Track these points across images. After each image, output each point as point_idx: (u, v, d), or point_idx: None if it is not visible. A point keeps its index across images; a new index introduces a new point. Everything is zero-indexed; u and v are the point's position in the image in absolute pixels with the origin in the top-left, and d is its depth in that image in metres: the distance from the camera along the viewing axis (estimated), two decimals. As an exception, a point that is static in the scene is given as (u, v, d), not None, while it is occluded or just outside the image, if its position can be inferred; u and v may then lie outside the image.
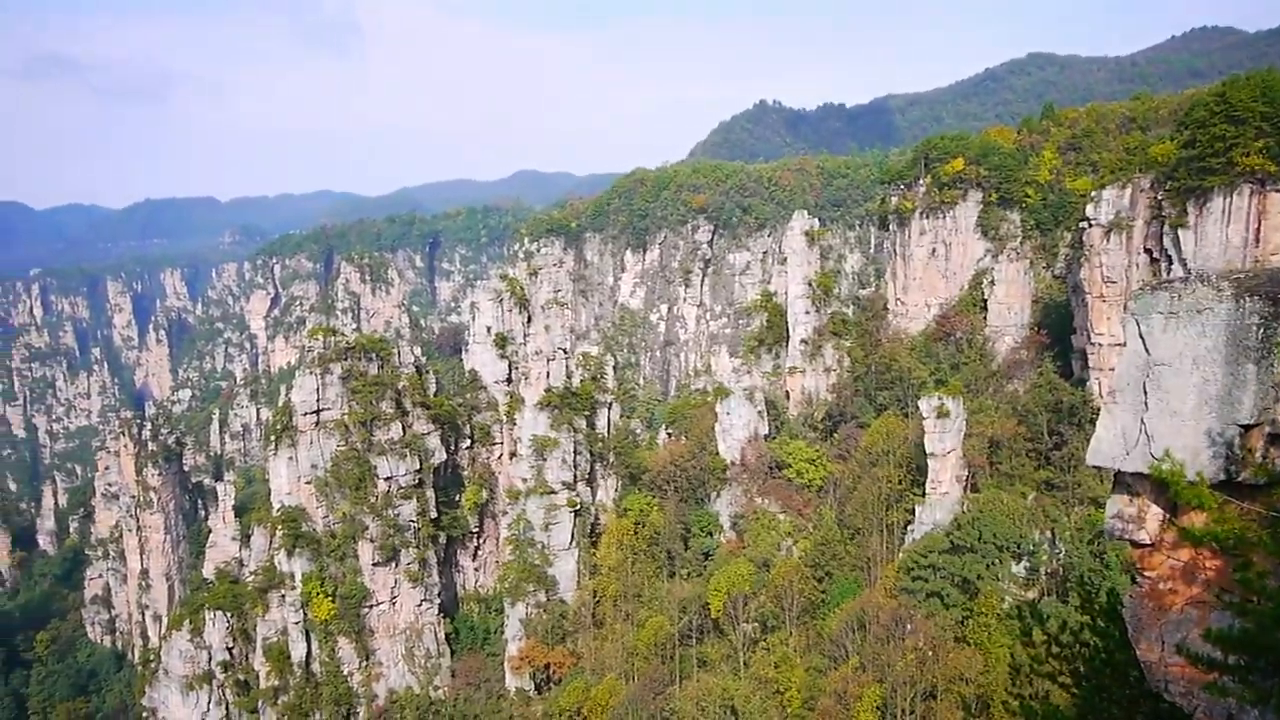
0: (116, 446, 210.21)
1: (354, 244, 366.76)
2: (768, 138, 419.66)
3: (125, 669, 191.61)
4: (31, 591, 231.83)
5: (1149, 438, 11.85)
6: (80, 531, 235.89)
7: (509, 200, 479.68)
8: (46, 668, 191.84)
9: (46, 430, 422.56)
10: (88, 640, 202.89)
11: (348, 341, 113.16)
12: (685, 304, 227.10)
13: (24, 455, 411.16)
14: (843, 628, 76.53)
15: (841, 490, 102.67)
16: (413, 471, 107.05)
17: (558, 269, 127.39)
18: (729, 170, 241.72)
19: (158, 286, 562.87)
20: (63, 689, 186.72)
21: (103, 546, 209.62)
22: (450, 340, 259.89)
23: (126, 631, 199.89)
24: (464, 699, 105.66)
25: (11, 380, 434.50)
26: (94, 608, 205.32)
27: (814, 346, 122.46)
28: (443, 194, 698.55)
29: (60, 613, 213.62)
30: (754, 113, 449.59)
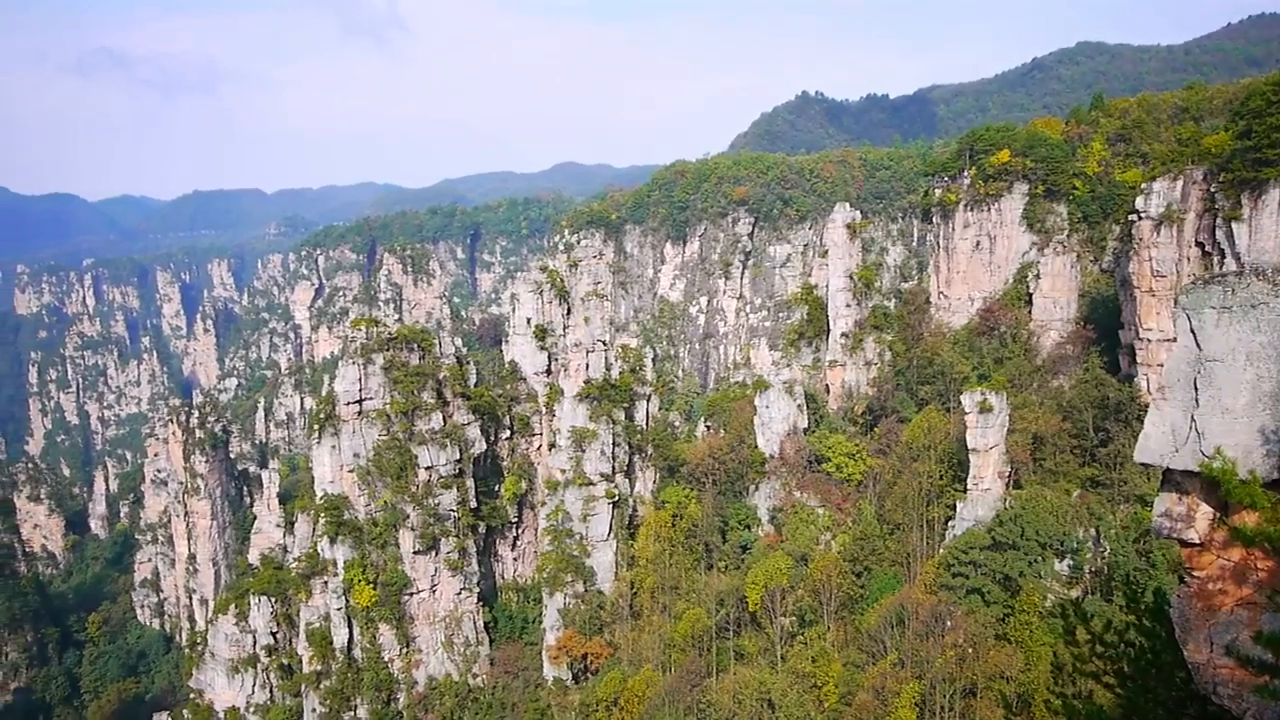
0: (165, 434, 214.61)
1: (396, 235, 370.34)
2: (809, 129, 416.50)
3: (173, 651, 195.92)
4: (84, 574, 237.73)
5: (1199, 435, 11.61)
6: (130, 516, 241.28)
7: (549, 192, 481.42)
8: (98, 648, 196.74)
9: (98, 417, 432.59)
10: (137, 622, 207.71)
11: (390, 332, 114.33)
12: (725, 296, 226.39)
13: (77, 441, 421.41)
14: (881, 623, 76.02)
15: (881, 485, 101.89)
16: (453, 461, 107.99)
17: (598, 261, 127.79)
18: (770, 162, 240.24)
19: (205, 277, 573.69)
20: (113, 669, 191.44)
21: (152, 531, 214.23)
22: (490, 331, 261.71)
23: (174, 614, 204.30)
24: (502, 687, 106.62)
25: (65, 368, 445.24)
26: (143, 591, 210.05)
27: (855, 340, 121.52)
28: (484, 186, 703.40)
29: (111, 595, 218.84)
30: (796, 104, 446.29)
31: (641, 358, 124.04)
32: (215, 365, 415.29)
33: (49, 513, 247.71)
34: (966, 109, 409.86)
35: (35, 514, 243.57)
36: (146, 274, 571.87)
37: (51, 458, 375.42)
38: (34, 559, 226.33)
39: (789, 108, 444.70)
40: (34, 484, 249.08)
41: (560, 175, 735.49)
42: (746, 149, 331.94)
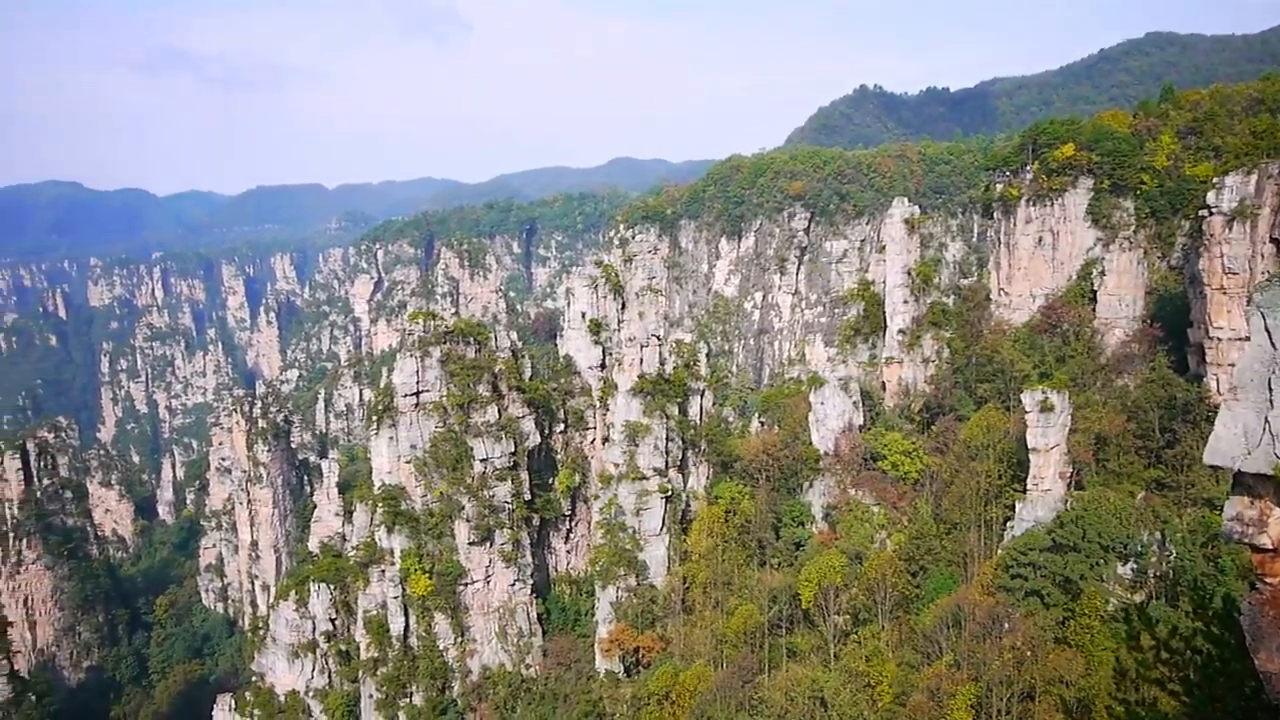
0: (229, 423, 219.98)
1: (454, 230, 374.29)
2: (868, 124, 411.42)
3: (236, 635, 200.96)
4: (152, 558, 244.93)
5: (1274, 437, 11.32)
6: (196, 503, 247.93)
7: (605, 187, 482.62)
8: (165, 630, 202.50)
9: (166, 406, 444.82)
10: (202, 606, 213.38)
11: (446, 325, 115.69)
12: (780, 292, 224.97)
13: (146, 429, 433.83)
14: (937, 623, 75.05)
15: (938, 484, 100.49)
16: (508, 454, 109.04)
17: (652, 256, 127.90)
18: (827, 157, 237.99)
19: (268, 270, 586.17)
20: (179, 651, 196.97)
21: (216, 518, 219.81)
22: (545, 326, 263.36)
23: (238, 599, 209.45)
24: (555, 678, 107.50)
25: (135, 358, 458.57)
26: (208, 576, 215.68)
27: (912, 337, 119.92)
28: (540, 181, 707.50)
29: (178, 579, 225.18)
30: (854, 98, 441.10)
31: (695, 353, 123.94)
32: (278, 357, 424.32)
33: (119, 498, 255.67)
34: (1029, 102, 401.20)
35: (107, 499, 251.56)
36: (212, 267, 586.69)
37: (122, 445, 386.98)
38: (105, 543, 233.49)
39: (846, 101, 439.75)
40: (105, 470, 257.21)
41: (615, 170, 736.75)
42: (803, 143, 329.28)
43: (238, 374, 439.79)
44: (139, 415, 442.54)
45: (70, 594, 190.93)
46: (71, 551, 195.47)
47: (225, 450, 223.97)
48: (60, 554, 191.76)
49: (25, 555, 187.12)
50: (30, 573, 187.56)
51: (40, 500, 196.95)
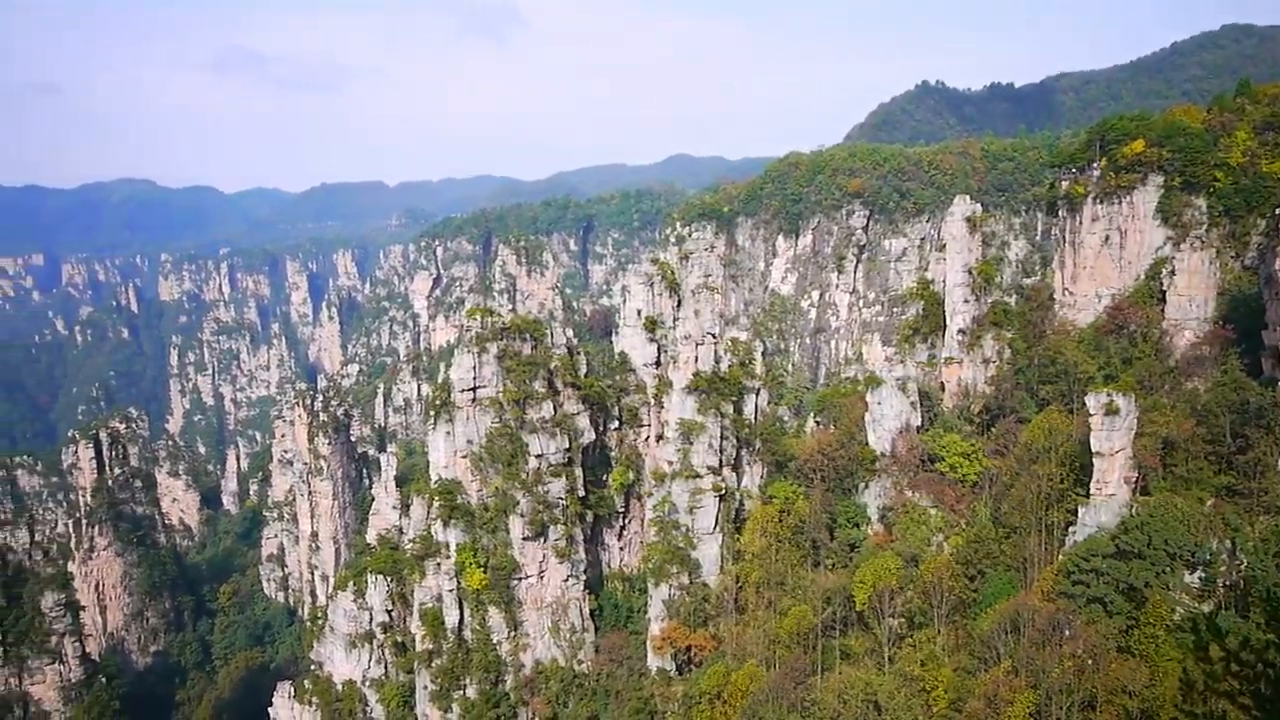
0: (292, 416, 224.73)
1: (511, 227, 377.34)
2: (929, 120, 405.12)
3: (296, 624, 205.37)
4: (216, 547, 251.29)
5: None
6: (259, 494, 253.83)
7: (662, 185, 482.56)
8: (228, 618, 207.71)
9: (231, 399, 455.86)
10: (264, 595, 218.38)
11: (504, 322, 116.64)
12: (838, 290, 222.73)
13: (212, 421, 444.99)
14: (995, 629, 73.64)
15: (998, 487, 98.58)
16: (562, 450, 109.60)
17: (709, 253, 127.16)
18: (887, 154, 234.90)
19: (331, 266, 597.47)
20: (241, 638, 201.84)
21: (278, 509, 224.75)
22: (601, 323, 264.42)
23: (298, 589, 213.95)
24: (607, 674, 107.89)
25: (202, 352, 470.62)
26: (270, 565, 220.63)
27: (973, 337, 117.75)
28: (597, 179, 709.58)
29: (240, 568, 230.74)
30: (915, 94, 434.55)
31: (751, 351, 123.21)
32: (339, 351, 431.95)
33: (186, 488, 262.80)
34: (1097, 97, 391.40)
35: (174, 489, 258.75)
36: (277, 263, 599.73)
37: (189, 436, 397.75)
38: (172, 531, 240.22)
39: (907, 98, 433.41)
40: (173, 460, 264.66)
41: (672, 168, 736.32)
42: (862, 140, 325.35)
43: (300, 368, 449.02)
44: (205, 407, 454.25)
45: (139, 580, 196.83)
46: (140, 539, 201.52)
47: (287, 443, 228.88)
48: (130, 541, 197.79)
49: (97, 542, 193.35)
50: (102, 559, 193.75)
51: (112, 489, 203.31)
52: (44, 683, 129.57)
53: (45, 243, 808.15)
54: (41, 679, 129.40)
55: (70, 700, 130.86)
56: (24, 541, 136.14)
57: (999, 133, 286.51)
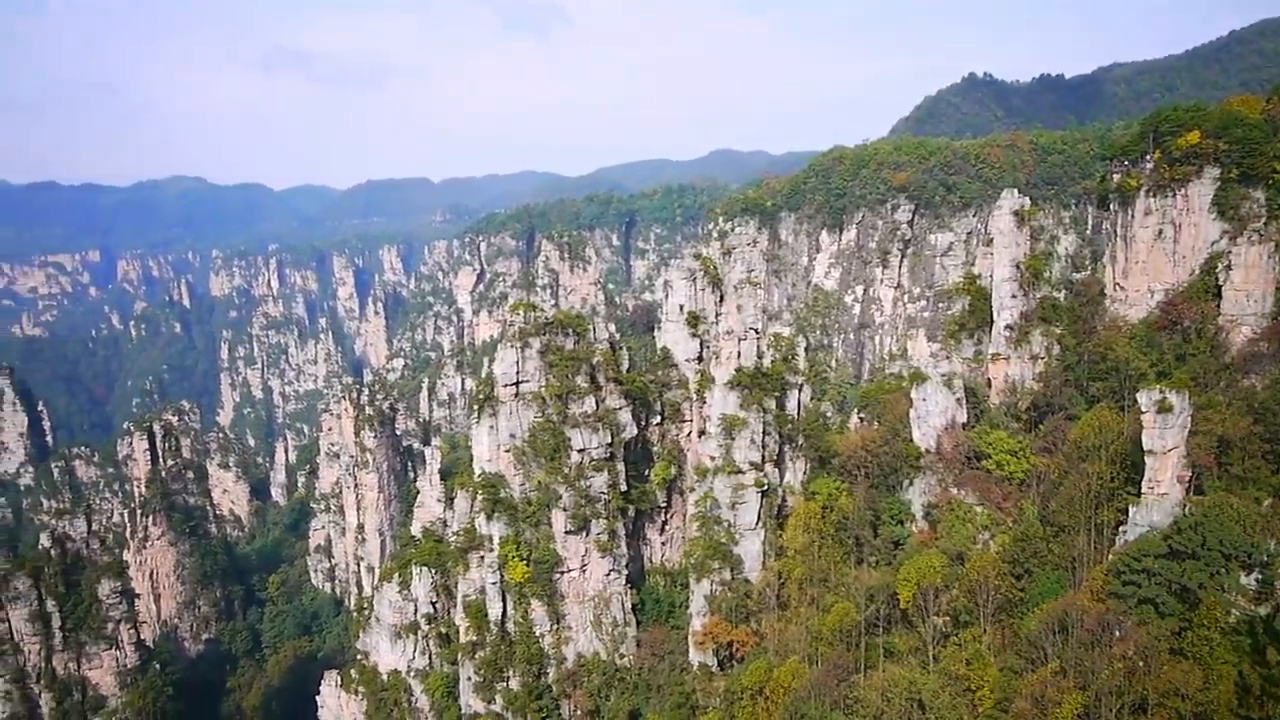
0: (338, 410, 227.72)
1: (554, 223, 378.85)
2: (976, 113, 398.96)
3: (343, 614, 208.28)
4: (265, 538, 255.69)
5: None
6: (307, 486, 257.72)
7: (704, 179, 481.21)
8: (277, 607, 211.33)
9: (280, 392, 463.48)
10: (312, 585, 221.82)
11: (546, 317, 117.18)
12: (882, 285, 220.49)
13: (261, 414, 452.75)
14: (1042, 629, 72.56)
15: (1046, 485, 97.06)
16: (604, 445, 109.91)
17: (751, 248, 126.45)
18: (933, 147, 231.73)
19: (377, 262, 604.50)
20: (290, 628, 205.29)
21: (325, 501, 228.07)
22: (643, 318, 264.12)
23: (344, 580, 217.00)
24: (648, 669, 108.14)
25: (252, 346, 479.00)
26: (317, 556, 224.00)
27: (1020, 332, 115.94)
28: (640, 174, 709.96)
29: (289, 559, 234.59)
30: (962, 87, 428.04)
31: (794, 346, 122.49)
32: (384, 346, 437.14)
33: (236, 479, 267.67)
34: (1151, 88, 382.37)
35: (224, 480, 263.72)
36: (324, 259, 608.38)
37: (239, 428, 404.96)
38: (223, 522, 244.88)
39: (954, 90, 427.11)
40: (224, 452, 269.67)
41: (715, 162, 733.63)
42: (907, 134, 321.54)
43: (347, 362, 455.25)
44: (255, 400, 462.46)
45: (191, 569, 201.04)
46: (193, 529, 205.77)
47: (334, 436, 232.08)
48: (182, 531, 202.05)
49: (151, 531, 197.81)
50: (155, 548, 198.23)
51: (165, 480, 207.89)
52: (101, 667, 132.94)
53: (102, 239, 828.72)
54: (99, 664, 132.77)
55: (126, 685, 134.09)
56: (81, 530, 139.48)
57: (1048, 125, 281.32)
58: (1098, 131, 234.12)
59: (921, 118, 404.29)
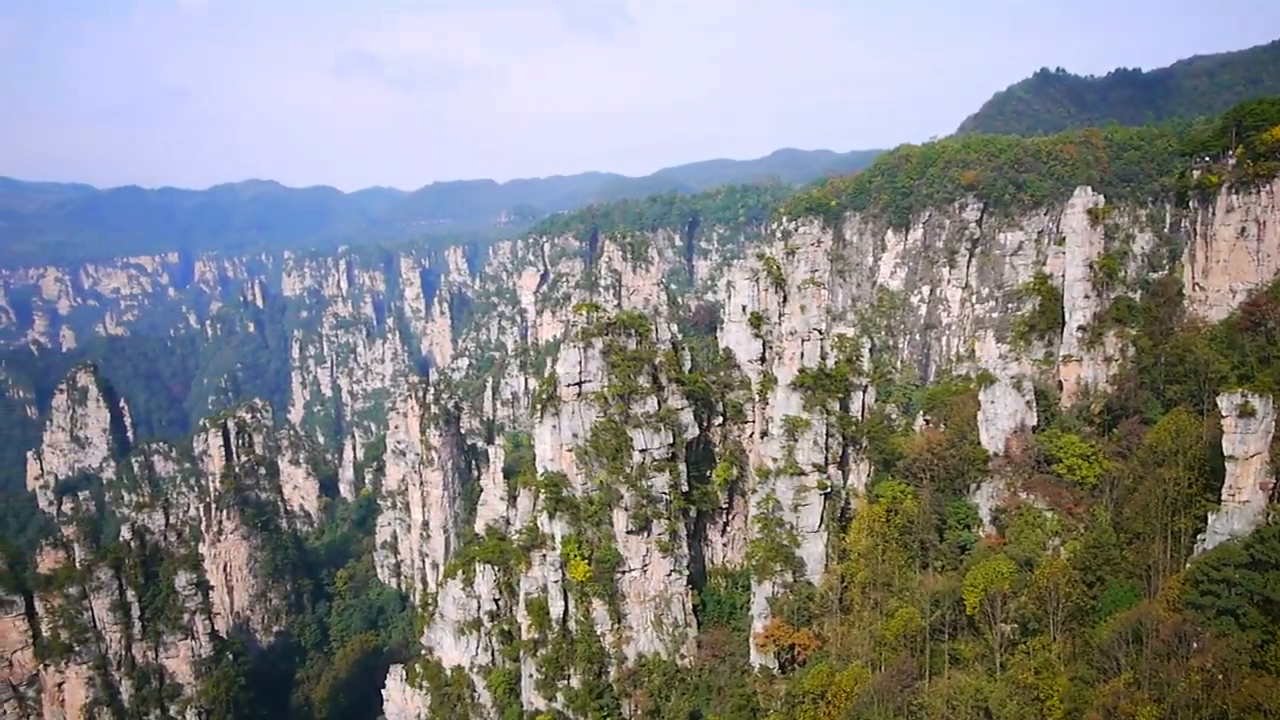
0: (404, 408, 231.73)
1: (617, 223, 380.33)
2: (1048, 109, 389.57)
3: (408, 609, 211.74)
4: (334, 533, 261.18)
5: None
6: (374, 483, 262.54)
7: (768, 179, 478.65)
8: (344, 601, 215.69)
9: (349, 390, 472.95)
10: (378, 580, 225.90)
11: (609, 317, 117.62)
12: (949, 285, 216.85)
13: (330, 412, 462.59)
14: (1115, 638, 70.50)
15: (1119, 491, 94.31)
16: (666, 445, 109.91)
17: (815, 248, 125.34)
18: (1003, 144, 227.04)
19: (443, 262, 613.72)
20: (356, 622, 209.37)
21: (391, 498, 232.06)
22: (706, 318, 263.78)
23: (410, 575, 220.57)
24: (709, 670, 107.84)
25: (322, 345, 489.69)
26: (383, 552, 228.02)
27: (1093, 334, 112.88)
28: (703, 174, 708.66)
29: (356, 554, 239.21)
30: (1034, 82, 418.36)
31: (858, 347, 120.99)
32: (449, 345, 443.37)
33: (306, 475, 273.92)
34: (1233, 81, 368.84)
35: (295, 476, 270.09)
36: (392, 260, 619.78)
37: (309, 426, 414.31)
38: (293, 517, 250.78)
39: (1025, 86, 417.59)
40: (295, 449, 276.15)
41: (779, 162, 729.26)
42: (976, 131, 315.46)
43: (413, 361, 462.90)
44: (324, 398, 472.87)
45: (263, 563, 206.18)
46: (264, 524, 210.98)
47: (400, 434, 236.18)
48: (255, 525, 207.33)
49: (225, 525, 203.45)
50: (229, 541, 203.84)
51: (238, 475, 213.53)
52: (177, 657, 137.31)
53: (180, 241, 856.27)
54: (175, 653, 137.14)
55: (200, 674, 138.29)
56: (160, 523, 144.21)
57: (1123, 121, 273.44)
58: (1176, 127, 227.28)
59: (991, 115, 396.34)
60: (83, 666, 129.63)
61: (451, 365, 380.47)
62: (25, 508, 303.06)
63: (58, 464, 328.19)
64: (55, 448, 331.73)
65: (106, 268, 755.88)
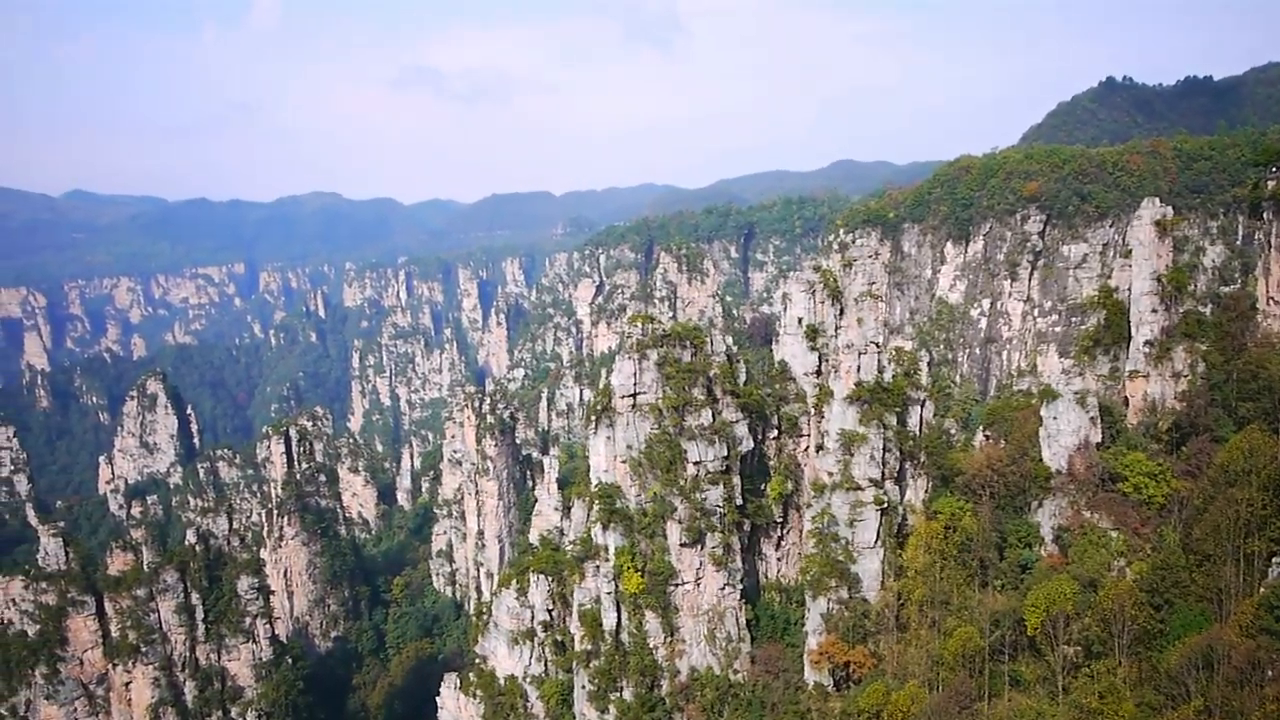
0: (461, 418, 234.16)
1: (673, 235, 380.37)
2: (1115, 119, 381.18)
3: (462, 617, 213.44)
4: (391, 541, 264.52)
5: None
6: (430, 491, 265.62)
7: (825, 190, 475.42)
8: (401, 609, 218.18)
9: (406, 400, 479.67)
10: (433, 588, 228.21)
11: (664, 329, 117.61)
12: (1010, 299, 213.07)
13: (388, 421, 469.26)
14: (1185, 664, 68.32)
15: (1188, 511, 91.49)
16: (720, 458, 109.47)
17: (873, 260, 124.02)
18: (1067, 155, 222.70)
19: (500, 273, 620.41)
20: (412, 629, 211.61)
21: (448, 506, 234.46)
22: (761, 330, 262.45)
23: (464, 584, 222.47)
24: (762, 685, 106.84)
25: (381, 355, 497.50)
26: (439, 560, 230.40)
27: (1161, 349, 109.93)
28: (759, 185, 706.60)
29: (413, 562, 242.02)
30: (1099, 91, 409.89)
31: (916, 361, 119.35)
32: (506, 356, 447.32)
33: (365, 483, 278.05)
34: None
35: (354, 484, 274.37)
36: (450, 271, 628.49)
37: (368, 434, 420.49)
38: (352, 524, 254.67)
39: (1090, 95, 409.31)
40: (354, 457, 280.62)
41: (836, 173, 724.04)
42: (1039, 142, 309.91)
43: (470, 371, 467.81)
44: (383, 407, 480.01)
45: (322, 569, 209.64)
46: (324, 530, 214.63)
47: (457, 443, 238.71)
48: (314, 532, 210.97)
49: (286, 531, 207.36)
50: (290, 547, 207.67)
51: (299, 482, 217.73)
52: (239, 659, 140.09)
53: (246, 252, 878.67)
54: (237, 656, 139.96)
55: (261, 677, 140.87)
56: (223, 528, 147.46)
57: (1193, 131, 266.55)
58: (1249, 136, 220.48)
59: (1055, 125, 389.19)
60: (149, 667, 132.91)
61: (507, 375, 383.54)
62: (97, 510, 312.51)
63: (128, 469, 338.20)
64: (126, 453, 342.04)
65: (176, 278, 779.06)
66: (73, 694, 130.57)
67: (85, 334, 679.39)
